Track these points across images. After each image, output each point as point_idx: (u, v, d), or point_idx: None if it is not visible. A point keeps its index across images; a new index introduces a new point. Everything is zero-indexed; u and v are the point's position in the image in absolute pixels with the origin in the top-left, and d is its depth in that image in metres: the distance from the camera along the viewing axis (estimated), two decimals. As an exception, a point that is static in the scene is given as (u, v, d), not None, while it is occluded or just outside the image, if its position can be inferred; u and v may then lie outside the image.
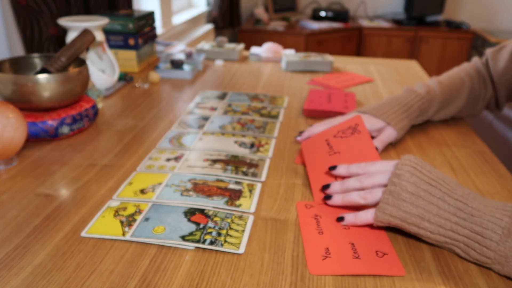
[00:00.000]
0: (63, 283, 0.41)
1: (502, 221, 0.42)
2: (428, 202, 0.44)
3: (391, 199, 0.45)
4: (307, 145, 0.64)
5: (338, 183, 0.53)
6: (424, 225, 0.44)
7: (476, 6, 3.50)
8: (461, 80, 0.79)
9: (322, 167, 0.58)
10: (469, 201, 0.44)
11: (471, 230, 0.43)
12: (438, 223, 0.44)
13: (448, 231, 0.44)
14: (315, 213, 0.52)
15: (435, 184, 0.45)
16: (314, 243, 0.47)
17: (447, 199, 0.44)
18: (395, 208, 0.45)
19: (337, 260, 0.45)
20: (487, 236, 0.42)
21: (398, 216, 0.45)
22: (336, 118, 0.70)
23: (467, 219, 0.43)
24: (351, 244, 0.47)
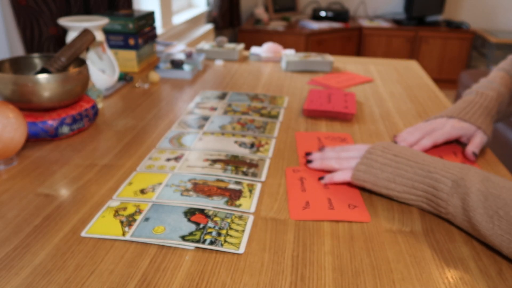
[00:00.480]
0: (63, 283, 0.41)
1: (453, 175, 0.49)
2: (394, 168, 0.53)
3: (363, 167, 0.55)
4: (300, 136, 0.75)
5: (318, 153, 0.63)
6: (391, 186, 0.53)
7: (476, 6, 3.50)
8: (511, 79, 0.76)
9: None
10: (430, 163, 0.52)
11: (428, 185, 0.50)
12: (402, 183, 0.52)
13: (410, 188, 0.52)
14: (301, 176, 0.62)
15: (401, 155, 0.54)
16: (297, 197, 0.56)
17: (410, 163, 0.53)
18: (367, 174, 0.54)
19: (315, 210, 0.54)
20: (439, 188, 0.49)
21: (369, 181, 0.54)
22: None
23: (426, 177, 0.51)
24: (328, 199, 0.56)
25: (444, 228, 0.51)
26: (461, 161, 0.66)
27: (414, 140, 0.68)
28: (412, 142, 0.67)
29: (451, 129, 0.67)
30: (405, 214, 0.53)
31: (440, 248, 0.47)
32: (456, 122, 0.68)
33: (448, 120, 0.69)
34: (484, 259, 0.46)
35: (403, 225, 0.51)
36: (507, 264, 0.45)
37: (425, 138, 0.67)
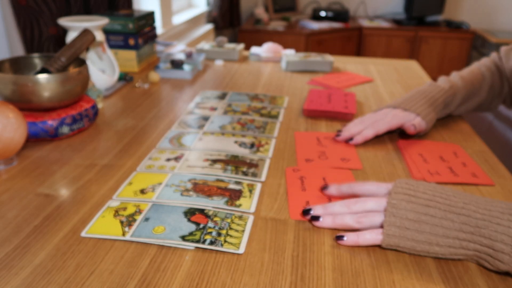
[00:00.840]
0: (63, 283, 0.41)
1: (510, 230, 0.41)
2: (432, 225, 0.43)
3: (395, 230, 0.44)
4: (299, 136, 0.75)
5: (320, 207, 0.50)
6: (434, 250, 0.43)
7: (476, 6, 3.50)
8: (482, 75, 0.80)
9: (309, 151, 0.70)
10: (472, 211, 0.43)
11: (481, 244, 0.42)
12: (447, 244, 0.43)
13: (459, 249, 0.43)
14: (301, 175, 0.61)
15: (433, 204, 0.44)
16: (297, 197, 0.56)
17: (450, 216, 0.43)
18: (401, 239, 0.44)
19: None
20: (498, 249, 0.41)
21: (406, 246, 0.44)
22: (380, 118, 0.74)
23: (475, 233, 0.42)
24: (328, 198, 0.55)
25: (444, 228, 0.51)
26: (461, 161, 0.66)
27: (357, 131, 0.72)
28: (355, 132, 0.72)
29: (392, 119, 0.72)
30: (405, 214, 0.53)
31: (440, 248, 0.47)
32: (399, 111, 0.73)
33: (392, 110, 0.74)
34: (484, 259, 0.46)
35: (403, 225, 0.51)
36: (507, 264, 0.45)
37: (367, 128, 0.71)
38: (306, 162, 0.66)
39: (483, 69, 0.81)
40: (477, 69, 0.82)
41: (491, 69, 0.82)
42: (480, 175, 0.62)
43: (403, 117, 0.71)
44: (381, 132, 0.71)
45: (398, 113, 0.72)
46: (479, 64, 0.84)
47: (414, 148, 0.70)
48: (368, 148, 0.71)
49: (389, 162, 0.66)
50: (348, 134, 0.72)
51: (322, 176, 0.61)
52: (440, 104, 0.75)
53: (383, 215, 0.46)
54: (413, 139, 0.74)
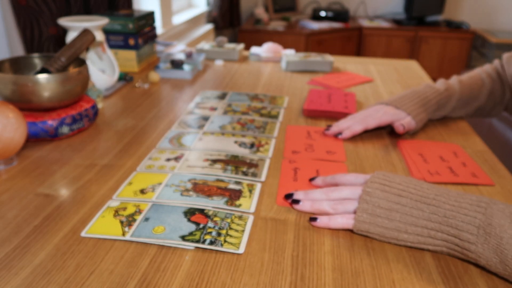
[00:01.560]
0: (63, 283, 0.41)
1: (476, 220, 0.42)
2: (402, 213, 0.45)
3: (366, 216, 0.46)
4: (290, 129, 0.77)
5: (302, 193, 0.54)
6: (402, 237, 0.45)
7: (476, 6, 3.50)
8: (481, 81, 0.81)
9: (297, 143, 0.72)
10: (441, 202, 0.44)
11: (448, 233, 0.43)
12: (415, 232, 0.45)
13: (426, 238, 0.44)
14: (295, 166, 0.64)
15: (405, 195, 0.46)
16: (287, 185, 0.58)
17: (420, 206, 0.45)
18: (371, 225, 0.46)
19: None
20: (464, 238, 0.42)
21: (376, 232, 0.46)
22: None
23: (443, 223, 0.43)
24: None
25: (444, 228, 0.51)
26: (461, 161, 0.66)
27: (346, 126, 0.74)
28: (344, 127, 0.73)
29: (382, 115, 0.73)
30: (405, 214, 0.53)
31: (440, 248, 0.47)
32: (390, 108, 0.74)
33: (384, 107, 0.75)
34: (484, 259, 0.46)
35: (403, 225, 0.51)
36: (507, 264, 0.45)
37: (356, 123, 0.73)
38: (292, 153, 0.68)
39: (483, 75, 0.81)
40: (477, 74, 0.82)
41: (492, 75, 0.82)
42: (480, 175, 0.62)
43: (393, 115, 0.73)
44: (370, 127, 0.73)
45: (389, 110, 0.73)
46: (480, 70, 0.84)
47: (414, 148, 0.70)
48: (368, 148, 0.71)
49: (389, 162, 0.66)
50: (337, 128, 0.74)
51: (316, 168, 0.63)
52: (433, 105, 0.75)
53: (357, 202, 0.48)
54: (410, 139, 0.74)
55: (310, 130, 0.77)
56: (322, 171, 0.62)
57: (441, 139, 0.75)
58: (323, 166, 0.64)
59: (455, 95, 0.78)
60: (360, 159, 0.67)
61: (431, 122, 0.81)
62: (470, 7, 3.51)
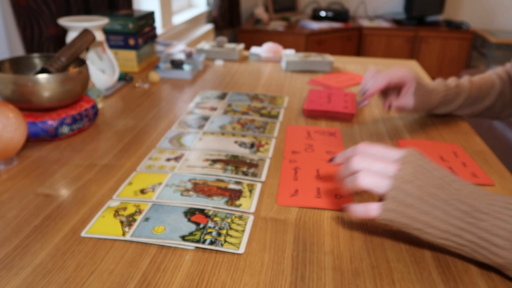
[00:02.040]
0: (63, 283, 0.41)
1: (509, 224, 0.40)
2: (434, 207, 0.42)
3: (394, 205, 0.43)
4: (290, 129, 0.77)
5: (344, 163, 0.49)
6: (428, 231, 0.42)
7: (476, 6, 3.50)
8: (491, 82, 0.80)
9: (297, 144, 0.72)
10: (476, 203, 0.42)
11: (478, 236, 0.41)
12: (444, 229, 0.42)
13: (453, 236, 0.42)
14: (296, 166, 0.64)
15: (440, 185, 0.43)
16: (287, 185, 0.59)
17: (453, 202, 0.42)
18: (398, 214, 0.43)
19: (302, 198, 0.56)
20: (495, 242, 0.40)
21: (403, 222, 0.43)
22: None
23: (474, 224, 0.41)
24: (317, 188, 0.58)
25: (444, 228, 0.51)
26: (461, 161, 0.66)
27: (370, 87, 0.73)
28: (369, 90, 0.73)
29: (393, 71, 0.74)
30: (405, 214, 0.53)
31: (440, 248, 0.47)
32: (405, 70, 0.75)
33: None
34: (484, 259, 0.46)
35: (403, 225, 0.51)
36: (507, 264, 0.45)
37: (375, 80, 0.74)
38: (292, 153, 0.68)
39: (494, 76, 0.81)
40: (488, 76, 0.82)
41: (503, 77, 0.81)
42: (480, 175, 0.62)
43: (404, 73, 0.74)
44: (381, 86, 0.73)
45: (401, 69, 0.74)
46: (492, 71, 0.84)
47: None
48: (368, 148, 0.71)
49: (389, 162, 0.66)
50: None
51: (316, 168, 0.64)
52: (440, 97, 0.76)
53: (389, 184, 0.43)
54: (410, 139, 0.74)
55: (310, 130, 0.77)
56: (322, 171, 0.62)
57: (441, 139, 0.75)
58: (323, 166, 0.64)
59: (463, 93, 0.77)
60: (360, 159, 0.67)
61: (431, 122, 0.81)
62: (470, 7, 3.51)
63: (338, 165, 0.54)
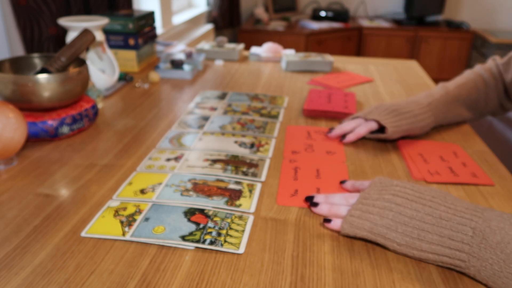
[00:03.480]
0: (63, 283, 0.41)
1: (472, 222, 0.41)
2: (396, 212, 0.45)
3: (358, 213, 0.47)
4: (290, 129, 0.77)
5: (322, 196, 0.54)
6: (390, 235, 0.44)
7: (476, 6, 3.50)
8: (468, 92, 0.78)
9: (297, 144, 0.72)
10: (438, 204, 0.44)
11: (440, 235, 0.42)
12: (405, 232, 0.43)
13: (414, 239, 0.43)
14: (295, 166, 0.64)
15: (401, 195, 0.46)
16: (287, 185, 0.59)
17: (415, 206, 0.45)
18: (361, 220, 0.46)
19: (302, 197, 0.56)
20: (458, 239, 0.41)
21: (365, 228, 0.46)
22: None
23: (436, 224, 0.43)
24: (317, 189, 0.58)
25: (444, 228, 0.51)
26: (461, 161, 0.66)
27: (349, 128, 0.73)
28: (347, 129, 0.73)
29: None
30: (405, 214, 0.53)
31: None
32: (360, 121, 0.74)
33: None
34: (484, 259, 0.46)
35: (403, 225, 0.51)
36: (507, 264, 0.45)
37: (361, 126, 0.72)
38: (292, 153, 0.68)
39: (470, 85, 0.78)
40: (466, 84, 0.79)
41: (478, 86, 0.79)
42: (480, 175, 0.62)
43: None
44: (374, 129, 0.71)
45: None
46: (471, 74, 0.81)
47: (414, 148, 0.70)
48: (368, 148, 0.71)
49: (389, 162, 0.66)
50: (340, 131, 0.73)
51: (316, 168, 0.63)
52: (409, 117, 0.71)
53: None
54: (410, 139, 0.74)
55: (310, 130, 0.77)
56: (322, 171, 0.62)
57: (441, 139, 0.75)
58: (323, 166, 0.64)
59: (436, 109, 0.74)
60: (360, 159, 0.67)
61: (431, 122, 0.81)
62: (470, 7, 3.51)
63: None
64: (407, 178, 0.62)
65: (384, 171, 0.63)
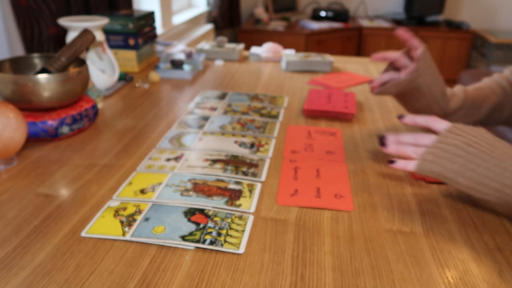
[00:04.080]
0: (63, 283, 0.41)
1: None
2: (466, 160, 0.48)
3: (431, 157, 0.49)
4: (291, 129, 0.77)
5: (394, 136, 0.55)
6: (458, 180, 0.48)
7: (476, 6, 3.50)
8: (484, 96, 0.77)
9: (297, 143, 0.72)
10: (506, 159, 0.47)
11: (503, 184, 0.46)
12: (471, 178, 0.47)
13: (479, 185, 0.47)
14: (295, 166, 0.64)
15: (475, 145, 0.49)
16: (287, 184, 0.58)
17: (485, 156, 0.48)
18: (434, 165, 0.49)
19: (301, 197, 0.56)
20: None
21: (436, 171, 0.49)
22: None
23: (500, 174, 0.46)
24: (317, 188, 0.58)
25: (444, 228, 0.51)
26: None
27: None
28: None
29: None
30: (405, 214, 0.53)
31: (440, 248, 0.47)
32: None
33: None
34: (484, 259, 0.46)
35: (403, 225, 0.51)
36: (507, 264, 0.45)
37: None
38: (292, 153, 0.68)
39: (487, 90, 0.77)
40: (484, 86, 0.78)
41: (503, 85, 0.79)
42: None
43: None
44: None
45: None
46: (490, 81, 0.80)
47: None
48: (368, 148, 0.71)
49: (389, 162, 0.66)
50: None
51: (316, 168, 0.63)
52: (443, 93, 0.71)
53: None
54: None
55: (311, 130, 0.77)
56: (322, 171, 0.62)
57: (441, 139, 0.75)
58: (323, 166, 0.64)
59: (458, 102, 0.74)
60: (360, 159, 0.67)
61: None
62: (470, 7, 3.51)
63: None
64: (407, 178, 0.62)
65: (384, 171, 0.63)
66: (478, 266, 0.44)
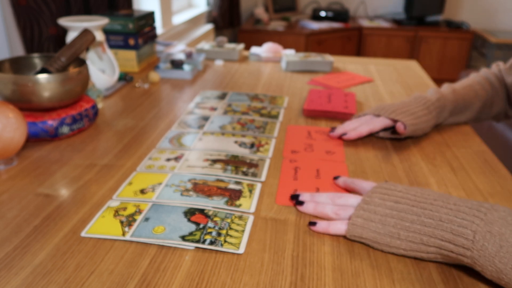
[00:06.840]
0: (63, 283, 0.41)
1: (474, 225, 0.40)
2: (397, 219, 0.44)
3: (360, 221, 0.46)
4: (291, 129, 0.77)
5: (308, 195, 0.54)
6: (395, 243, 0.44)
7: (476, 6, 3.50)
8: (475, 93, 0.78)
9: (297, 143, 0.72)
10: (439, 207, 0.43)
11: (442, 239, 0.41)
12: (408, 238, 0.43)
13: (419, 244, 0.43)
14: (295, 166, 0.64)
15: (403, 201, 0.45)
16: (287, 184, 0.59)
17: (416, 211, 0.44)
18: (364, 230, 0.45)
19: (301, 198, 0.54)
20: (459, 243, 0.40)
21: (368, 237, 0.45)
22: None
23: (437, 227, 0.42)
24: (317, 189, 0.58)
25: (444, 228, 0.51)
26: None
27: (352, 127, 0.73)
28: (350, 129, 0.72)
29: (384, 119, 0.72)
30: (405, 214, 0.53)
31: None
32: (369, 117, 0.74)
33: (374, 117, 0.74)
34: (484, 259, 0.46)
35: (403, 225, 0.51)
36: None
37: (362, 125, 0.72)
38: (291, 153, 0.68)
39: (477, 87, 0.78)
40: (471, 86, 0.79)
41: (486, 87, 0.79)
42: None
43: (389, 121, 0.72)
44: (376, 130, 0.72)
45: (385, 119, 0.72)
46: (473, 81, 0.81)
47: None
48: (368, 148, 0.71)
49: (389, 162, 0.66)
50: (342, 130, 0.73)
51: (316, 168, 0.63)
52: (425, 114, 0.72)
53: None
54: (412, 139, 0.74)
55: (311, 130, 0.77)
56: (322, 171, 0.62)
57: (441, 139, 0.75)
58: (323, 166, 0.64)
59: (447, 106, 0.75)
60: (360, 159, 0.67)
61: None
62: (470, 7, 3.51)
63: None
64: (408, 178, 0.62)
65: (384, 171, 0.63)
66: (478, 266, 0.44)
